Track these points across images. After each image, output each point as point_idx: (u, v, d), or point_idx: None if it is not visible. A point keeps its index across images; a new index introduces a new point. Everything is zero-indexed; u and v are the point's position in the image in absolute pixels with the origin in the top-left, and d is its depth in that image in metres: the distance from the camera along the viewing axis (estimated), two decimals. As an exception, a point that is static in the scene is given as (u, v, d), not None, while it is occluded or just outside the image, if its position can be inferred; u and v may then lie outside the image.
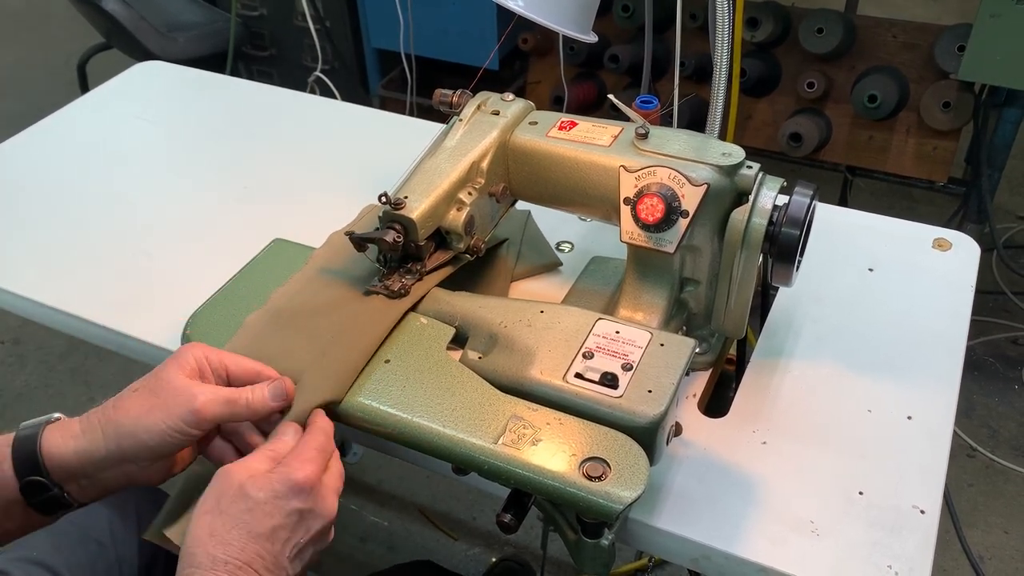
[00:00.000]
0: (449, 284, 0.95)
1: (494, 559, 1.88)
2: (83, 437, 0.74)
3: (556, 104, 2.54)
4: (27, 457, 0.74)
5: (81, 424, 0.75)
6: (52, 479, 0.74)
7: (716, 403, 0.97)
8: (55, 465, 0.74)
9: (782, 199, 0.86)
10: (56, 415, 0.78)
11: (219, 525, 0.67)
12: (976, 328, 2.37)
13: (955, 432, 2.07)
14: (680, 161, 0.86)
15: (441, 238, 0.94)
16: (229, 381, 0.78)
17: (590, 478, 0.72)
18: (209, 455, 0.80)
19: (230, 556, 0.65)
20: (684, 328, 0.95)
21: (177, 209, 1.25)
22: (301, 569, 0.70)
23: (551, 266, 1.11)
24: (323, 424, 0.78)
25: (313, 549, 0.72)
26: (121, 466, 0.75)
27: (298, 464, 0.71)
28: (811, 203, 0.85)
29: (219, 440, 0.80)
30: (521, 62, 2.74)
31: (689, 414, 0.92)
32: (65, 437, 0.74)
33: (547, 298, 1.05)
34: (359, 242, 0.89)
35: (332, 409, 0.81)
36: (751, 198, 0.85)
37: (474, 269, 1.02)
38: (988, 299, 2.46)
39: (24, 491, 0.74)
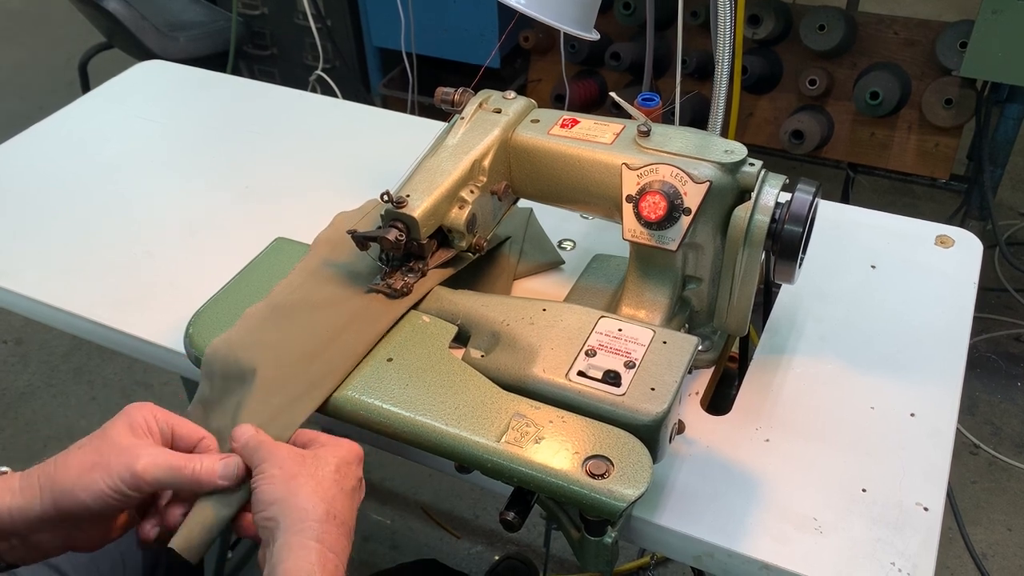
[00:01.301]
0: (452, 282, 0.95)
1: (497, 557, 1.88)
2: (20, 494, 0.71)
3: (558, 102, 2.54)
4: None
5: (20, 480, 0.72)
6: None
7: (719, 401, 0.97)
8: None
9: (784, 196, 0.86)
10: (3, 468, 0.76)
11: (319, 484, 0.70)
12: (979, 325, 2.37)
13: (958, 429, 2.07)
14: (682, 159, 0.86)
15: (443, 236, 0.94)
16: (173, 444, 0.76)
17: (593, 476, 0.72)
18: (140, 528, 0.76)
19: (336, 511, 0.69)
20: (686, 326, 0.95)
21: (179, 208, 1.25)
22: None
23: (553, 264, 1.11)
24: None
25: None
26: (57, 528, 0.72)
27: (347, 441, 0.76)
28: (813, 200, 0.85)
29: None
30: (522, 60, 2.74)
31: (692, 412, 0.92)
32: (2, 492, 0.71)
33: (549, 296, 1.05)
34: (361, 241, 0.89)
35: (331, 406, 0.82)
36: (753, 195, 0.85)
37: (476, 267, 1.02)
38: (991, 296, 2.46)
39: None
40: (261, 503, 0.69)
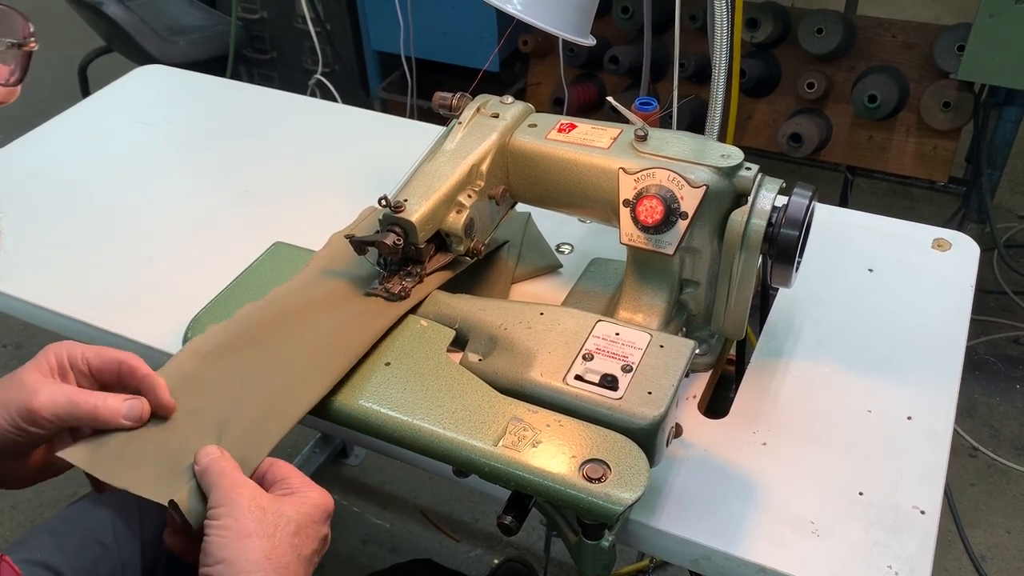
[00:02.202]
0: (450, 286, 0.96)
1: (496, 561, 1.88)
2: None
3: (556, 106, 2.54)
4: None
5: None
6: None
7: (716, 404, 0.97)
8: None
9: (781, 200, 0.86)
10: None
11: (273, 549, 0.65)
12: (977, 328, 2.37)
13: (957, 432, 2.08)
14: (679, 163, 0.86)
15: (441, 241, 0.95)
16: (92, 374, 0.76)
17: (590, 480, 0.72)
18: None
19: None
20: (684, 329, 0.95)
21: (178, 212, 1.25)
22: None
23: (551, 268, 1.11)
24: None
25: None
26: None
27: (317, 491, 0.71)
28: (810, 204, 0.85)
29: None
30: (521, 64, 2.74)
31: (689, 415, 0.92)
32: None
33: (547, 300, 1.05)
34: (359, 245, 0.90)
35: (329, 411, 0.82)
36: (750, 199, 0.85)
37: (474, 271, 1.02)
38: (989, 298, 2.46)
39: None
40: (209, 556, 0.66)
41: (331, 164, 1.35)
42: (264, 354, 0.84)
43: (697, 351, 0.91)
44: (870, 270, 1.10)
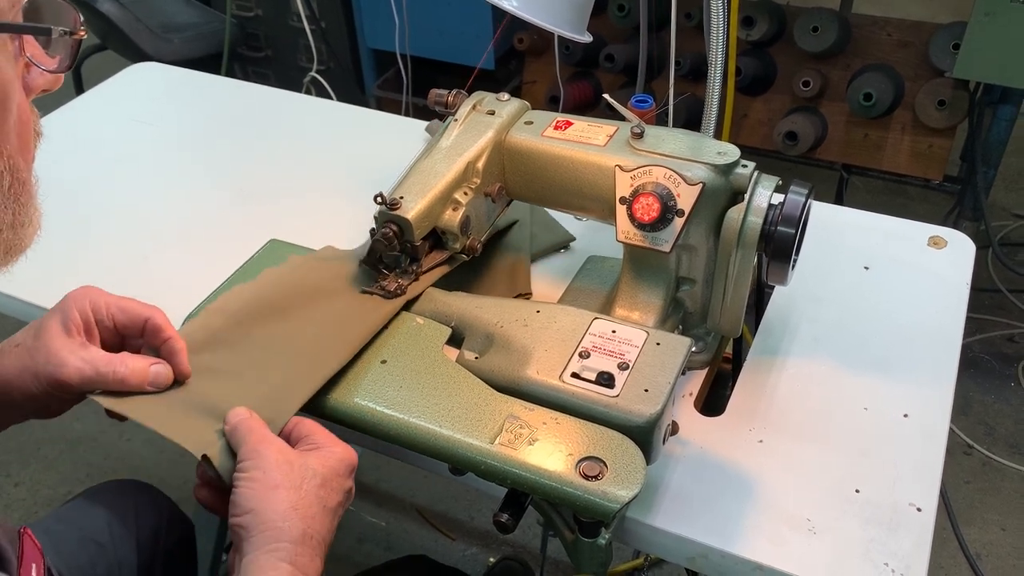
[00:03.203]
0: (458, 276, 0.97)
1: (492, 559, 1.88)
2: None
3: (552, 104, 2.54)
4: None
5: None
6: None
7: (713, 402, 0.97)
8: None
9: (777, 198, 0.86)
10: None
11: (300, 500, 0.67)
12: (973, 326, 2.38)
13: (952, 430, 2.08)
14: (675, 160, 0.86)
15: (437, 238, 0.94)
16: (116, 328, 0.78)
17: (587, 477, 0.72)
18: None
19: (314, 531, 0.67)
20: (680, 327, 0.95)
21: (173, 210, 1.25)
22: None
23: (565, 242, 1.12)
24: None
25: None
26: (8, 408, 0.77)
27: (342, 447, 0.74)
28: (806, 202, 0.85)
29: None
30: (517, 62, 2.74)
31: (685, 413, 0.92)
32: None
33: (544, 297, 1.05)
34: (371, 264, 0.90)
35: (325, 408, 0.82)
36: (746, 197, 0.85)
37: (487, 266, 1.03)
38: (984, 297, 2.47)
39: None
40: (237, 507, 0.68)
41: (326, 162, 1.34)
42: (281, 328, 0.86)
43: (693, 349, 0.91)
44: (866, 268, 1.10)
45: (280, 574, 0.64)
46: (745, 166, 0.87)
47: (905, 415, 0.91)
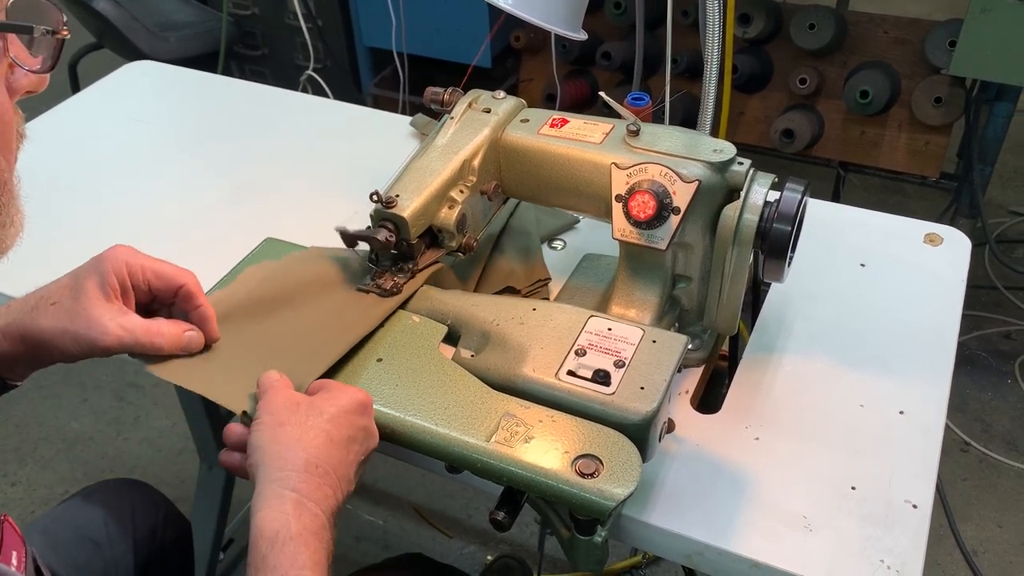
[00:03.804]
0: (471, 269, 0.99)
1: (490, 557, 1.88)
2: (4, 339, 0.78)
3: (549, 101, 2.54)
4: None
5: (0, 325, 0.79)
6: None
7: (709, 399, 0.97)
8: None
9: (773, 195, 0.86)
10: None
11: (304, 434, 0.70)
12: (969, 323, 2.38)
13: (949, 427, 2.08)
14: (671, 158, 0.86)
15: (433, 236, 0.94)
16: (151, 290, 0.81)
17: (583, 475, 0.72)
18: None
19: (320, 461, 0.69)
20: (676, 325, 0.95)
21: (169, 209, 1.24)
22: (353, 489, 0.73)
23: (569, 225, 1.15)
24: None
25: (363, 471, 0.75)
26: (41, 359, 0.79)
27: (353, 389, 0.76)
28: (802, 199, 0.85)
29: None
30: (513, 60, 2.73)
31: (682, 410, 0.92)
32: None
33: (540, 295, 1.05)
34: (350, 239, 0.90)
35: None
36: (742, 194, 0.85)
37: (495, 251, 1.06)
38: (981, 294, 2.47)
39: None
40: (249, 447, 0.71)
41: (323, 160, 1.34)
42: (279, 322, 0.88)
43: (690, 346, 0.90)
44: (862, 265, 1.10)
45: (284, 502, 0.66)
46: (741, 163, 0.87)
47: (901, 412, 0.91)
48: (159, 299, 0.83)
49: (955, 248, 1.12)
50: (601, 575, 1.82)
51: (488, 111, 0.97)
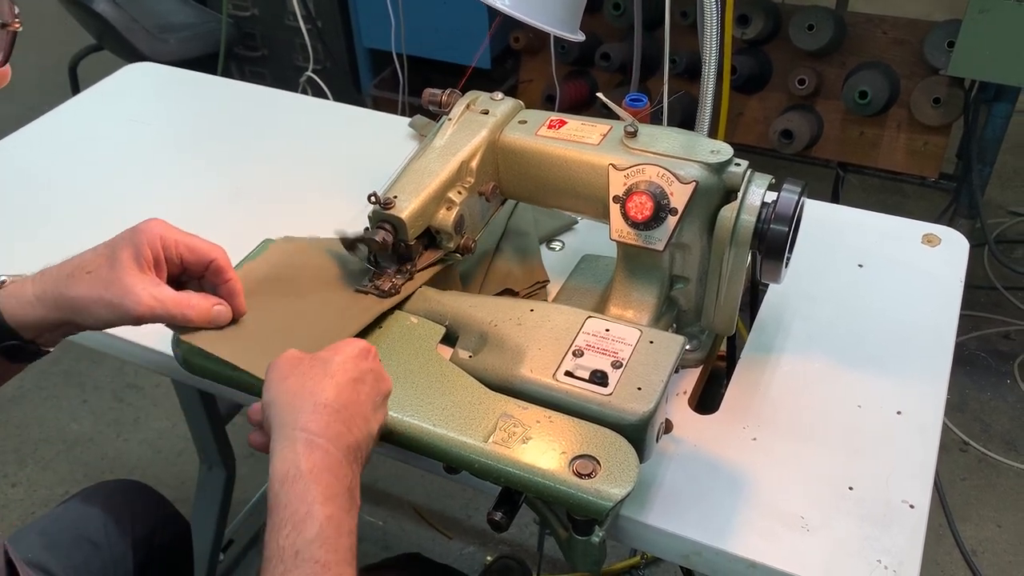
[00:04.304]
0: (470, 270, 1.00)
1: (489, 558, 1.88)
2: (39, 305, 0.80)
3: (548, 102, 2.54)
4: None
5: (34, 289, 0.80)
6: (23, 339, 0.81)
7: (707, 400, 0.97)
8: (21, 328, 0.80)
9: (771, 196, 0.86)
10: (3, 277, 0.84)
11: (308, 381, 0.71)
12: (968, 323, 2.38)
13: (948, 427, 2.08)
14: (669, 159, 0.86)
15: (431, 237, 0.95)
16: (183, 263, 0.83)
17: (580, 475, 0.72)
18: None
19: (328, 401, 0.70)
20: (674, 325, 0.96)
21: (169, 210, 1.23)
22: (376, 430, 0.74)
23: (567, 226, 1.15)
24: None
25: (383, 413, 0.76)
26: (75, 324, 0.81)
27: (351, 339, 0.78)
28: (799, 200, 0.85)
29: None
30: (513, 61, 2.73)
31: (680, 411, 0.92)
32: (23, 305, 0.80)
33: (538, 296, 1.05)
34: (350, 243, 0.90)
35: None
36: (739, 195, 0.85)
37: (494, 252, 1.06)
38: (980, 294, 2.47)
39: (4, 353, 0.82)
40: (263, 409, 0.72)
41: (322, 161, 1.34)
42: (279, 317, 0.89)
43: (687, 347, 0.91)
44: (860, 266, 1.10)
45: (294, 443, 0.67)
46: (738, 164, 0.87)
47: (899, 412, 0.91)
48: (189, 273, 0.85)
49: (953, 248, 1.12)
50: (599, 575, 1.82)
51: (486, 112, 0.97)
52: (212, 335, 0.83)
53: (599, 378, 0.79)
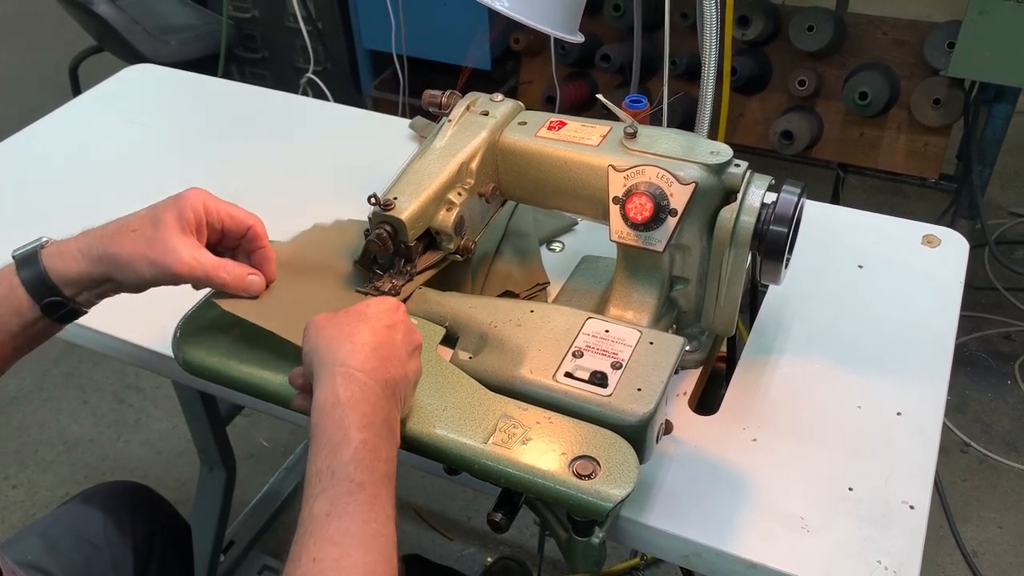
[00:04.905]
0: (470, 272, 1.00)
1: (490, 559, 1.88)
2: (83, 260, 0.82)
3: (548, 104, 2.54)
4: (39, 283, 0.81)
5: (79, 246, 0.83)
6: (64, 296, 0.83)
7: (707, 401, 0.97)
8: (63, 284, 0.82)
9: (770, 197, 0.86)
10: (44, 238, 0.85)
11: (345, 326, 0.73)
12: (969, 324, 2.38)
13: (949, 428, 2.08)
14: (668, 160, 0.86)
15: (431, 239, 0.95)
16: (223, 231, 0.87)
17: (580, 476, 0.72)
18: None
19: (364, 341, 0.72)
20: (674, 326, 0.96)
21: (168, 212, 1.25)
22: (412, 376, 0.76)
23: (567, 227, 1.16)
24: None
25: (416, 363, 0.77)
26: (115, 283, 0.84)
27: (381, 297, 0.82)
28: (799, 201, 0.85)
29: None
30: (513, 62, 2.74)
31: (680, 412, 0.92)
32: (66, 260, 0.82)
33: (537, 297, 1.05)
34: (365, 264, 0.91)
35: None
36: (739, 196, 0.85)
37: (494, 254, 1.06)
38: (980, 295, 2.47)
39: (44, 310, 0.82)
40: (303, 363, 0.74)
41: (322, 162, 1.34)
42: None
43: (687, 348, 0.91)
44: (860, 267, 1.10)
45: (332, 377, 0.69)
46: (738, 165, 0.87)
47: (898, 413, 0.91)
48: (225, 242, 0.88)
49: (953, 249, 1.12)
50: (600, 576, 1.82)
51: (486, 114, 0.97)
52: (246, 303, 0.87)
53: (599, 379, 0.79)
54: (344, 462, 0.64)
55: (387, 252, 0.90)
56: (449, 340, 0.89)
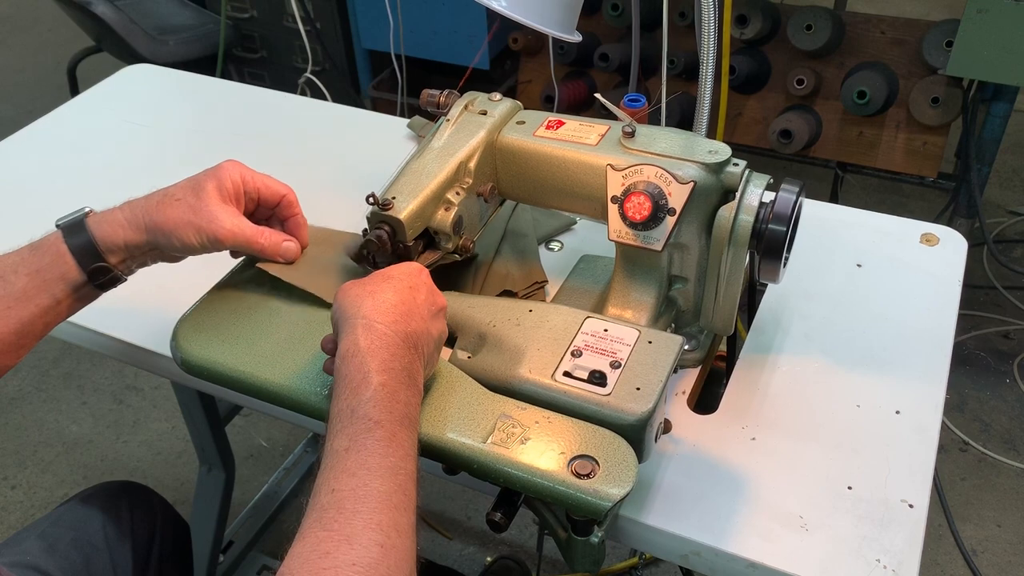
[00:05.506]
0: (469, 270, 1.01)
1: (489, 558, 1.88)
2: (130, 228, 0.87)
3: (547, 103, 2.54)
4: (87, 249, 0.86)
5: (124, 215, 0.88)
6: (109, 263, 0.87)
7: (706, 400, 0.97)
8: (108, 252, 0.87)
9: (768, 196, 0.86)
10: (86, 208, 0.90)
11: (369, 286, 0.76)
12: (967, 323, 2.38)
13: (947, 426, 2.08)
14: (666, 159, 0.86)
15: (429, 238, 0.95)
16: (259, 201, 0.92)
17: (579, 476, 0.72)
18: None
19: (386, 297, 0.75)
20: (673, 325, 0.96)
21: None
22: (436, 336, 0.78)
23: (567, 226, 1.16)
24: None
25: (440, 324, 0.80)
26: (157, 251, 0.89)
27: (405, 263, 0.83)
28: (797, 200, 0.85)
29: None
30: (512, 62, 2.74)
31: (679, 411, 0.92)
32: (115, 228, 0.87)
33: (536, 297, 1.05)
34: (358, 260, 0.91)
35: (316, 409, 0.82)
36: (737, 195, 0.85)
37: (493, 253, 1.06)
38: (979, 293, 2.47)
39: (90, 276, 0.87)
40: (332, 320, 0.77)
41: (321, 162, 1.34)
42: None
43: (686, 347, 0.91)
44: (858, 265, 1.10)
45: (354, 327, 0.72)
46: (736, 164, 0.87)
47: (897, 412, 0.91)
48: (259, 213, 0.93)
49: (951, 248, 1.12)
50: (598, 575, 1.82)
51: (484, 113, 0.97)
52: (283, 267, 0.92)
53: (598, 378, 0.79)
54: (363, 401, 0.67)
55: (386, 252, 0.90)
56: (448, 340, 0.89)
